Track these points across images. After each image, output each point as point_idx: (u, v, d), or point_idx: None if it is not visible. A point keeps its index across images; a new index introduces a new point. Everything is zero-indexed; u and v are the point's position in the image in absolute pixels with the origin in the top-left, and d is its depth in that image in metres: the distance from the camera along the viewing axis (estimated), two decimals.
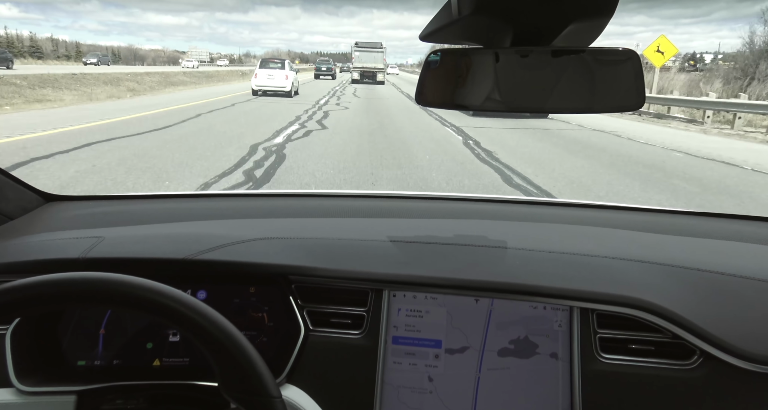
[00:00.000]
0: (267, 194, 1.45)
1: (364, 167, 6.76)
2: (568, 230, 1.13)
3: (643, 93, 0.65)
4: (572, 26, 0.62)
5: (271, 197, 1.43)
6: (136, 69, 39.96)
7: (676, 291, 0.84)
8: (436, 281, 0.86)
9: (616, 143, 10.20)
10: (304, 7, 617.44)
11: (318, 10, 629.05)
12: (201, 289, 0.91)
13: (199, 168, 6.27)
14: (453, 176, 6.36)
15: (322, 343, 0.87)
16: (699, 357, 0.80)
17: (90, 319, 0.89)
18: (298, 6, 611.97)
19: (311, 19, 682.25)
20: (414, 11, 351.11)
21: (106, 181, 5.46)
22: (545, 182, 6.23)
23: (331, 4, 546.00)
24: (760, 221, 1.22)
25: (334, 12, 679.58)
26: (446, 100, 0.70)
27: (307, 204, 1.32)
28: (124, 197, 1.36)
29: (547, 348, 0.84)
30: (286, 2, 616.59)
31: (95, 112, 12.25)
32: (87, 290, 0.60)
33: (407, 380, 0.85)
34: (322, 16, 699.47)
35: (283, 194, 1.43)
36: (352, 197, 1.42)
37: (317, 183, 5.77)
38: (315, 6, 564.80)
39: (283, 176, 6.04)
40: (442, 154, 8.03)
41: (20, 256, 0.93)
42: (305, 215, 1.23)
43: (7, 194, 1.11)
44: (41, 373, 0.84)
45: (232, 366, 0.60)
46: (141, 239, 1.00)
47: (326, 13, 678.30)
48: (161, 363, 0.88)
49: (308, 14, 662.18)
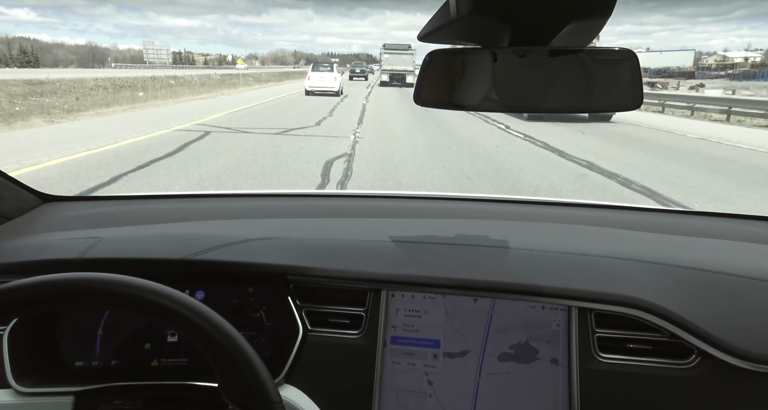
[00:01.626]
0: (265, 195, 1.45)
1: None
2: (566, 229, 1.13)
3: (641, 92, 0.65)
4: (570, 26, 0.62)
5: (269, 197, 1.43)
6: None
7: (674, 290, 0.84)
8: (434, 281, 0.86)
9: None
10: (317, 8, 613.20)
11: (330, 11, 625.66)
12: (199, 289, 0.91)
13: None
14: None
15: (321, 343, 0.87)
16: (697, 357, 0.80)
17: (88, 320, 0.89)
18: (310, 8, 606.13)
19: (324, 20, 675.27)
20: (426, 12, 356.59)
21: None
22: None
23: (344, 6, 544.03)
24: (758, 221, 1.22)
25: (347, 14, 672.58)
26: (444, 100, 0.70)
27: (305, 204, 1.32)
28: (121, 197, 1.36)
29: (548, 353, 0.83)
30: (299, 4, 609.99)
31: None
32: (86, 291, 0.59)
33: (406, 380, 0.85)
34: (334, 17, 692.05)
35: (281, 194, 1.43)
36: (350, 197, 1.42)
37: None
38: (327, 8, 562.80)
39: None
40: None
41: (18, 256, 0.93)
42: (303, 215, 1.23)
43: (4, 194, 1.11)
44: (39, 374, 0.84)
45: (232, 369, 0.60)
46: (139, 240, 0.99)
47: (338, 14, 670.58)
48: (159, 364, 0.88)
49: (321, 16, 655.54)
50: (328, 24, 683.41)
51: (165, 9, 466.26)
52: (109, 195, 1.35)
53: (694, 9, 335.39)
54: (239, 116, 13.47)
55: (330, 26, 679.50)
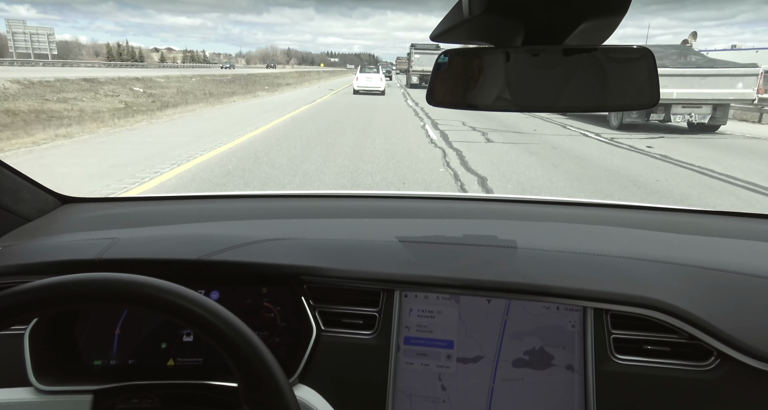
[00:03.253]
0: (278, 196, 1.46)
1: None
2: (580, 229, 1.12)
3: (657, 90, 0.65)
4: (584, 25, 0.61)
5: (281, 198, 1.44)
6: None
7: (692, 291, 0.83)
8: (447, 282, 0.86)
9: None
10: (318, 8, 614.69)
11: (332, 11, 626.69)
12: (214, 289, 0.91)
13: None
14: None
15: (334, 343, 0.87)
16: (716, 358, 0.79)
17: (106, 319, 0.90)
18: (311, 7, 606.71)
19: (325, 20, 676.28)
20: (428, 13, 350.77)
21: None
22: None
23: (345, 6, 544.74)
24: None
25: (348, 13, 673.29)
26: (457, 100, 0.70)
27: (317, 205, 1.33)
28: (137, 198, 1.38)
29: (563, 359, 0.82)
30: (300, 3, 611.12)
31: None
32: (106, 291, 0.60)
33: (420, 382, 0.84)
34: (335, 17, 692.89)
35: (293, 195, 1.44)
36: (361, 198, 1.42)
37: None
38: (329, 7, 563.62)
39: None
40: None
41: (38, 257, 0.94)
42: (316, 215, 1.24)
43: (24, 196, 1.13)
44: (58, 372, 0.85)
45: (251, 374, 0.60)
46: (155, 240, 1.01)
47: (340, 14, 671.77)
48: (175, 363, 0.89)
49: (322, 16, 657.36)
50: (330, 24, 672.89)
51: (165, 7, 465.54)
52: (126, 196, 1.37)
53: (698, 13, 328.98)
54: None
55: (331, 26, 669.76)
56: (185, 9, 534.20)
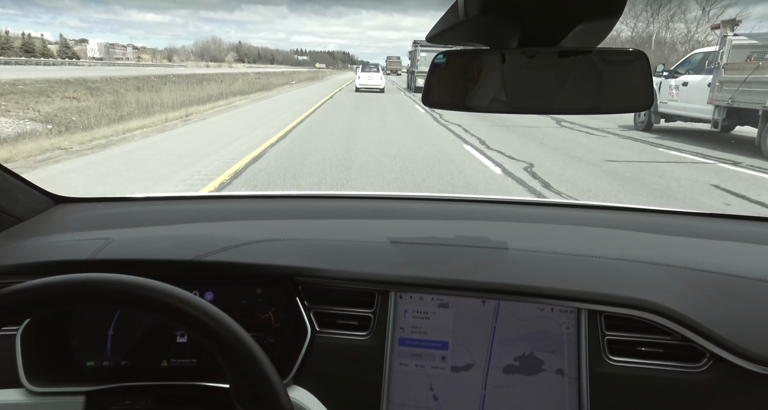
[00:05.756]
0: (273, 196, 1.46)
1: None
2: (574, 231, 1.13)
3: (652, 93, 0.65)
4: (580, 27, 0.62)
5: (277, 199, 1.43)
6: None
7: (685, 293, 0.84)
8: (442, 283, 0.86)
9: None
10: (291, 6, 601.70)
11: (305, 9, 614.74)
12: (208, 290, 0.91)
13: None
14: None
15: (329, 344, 0.87)
16: (709, 360, 0.79)
17: (99, 320, 0.90)
18: (285, 5, 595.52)
19: (299, 18, 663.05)
20: (403, 12, 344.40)
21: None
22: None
23: (319, 4, 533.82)
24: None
25: (322, 12, 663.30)
26: (453, 101, 0.70)
27: (312, 206, 1.33)
28: (131, 199, 1.37)
29: (553, 364, 0.83)
30: (273, 1, 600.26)
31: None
32: (100, 291, 0.60)
33: (412, 391, 0.84)
34: (309, 16, 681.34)
35: (289, 196, 1.43)
36: (357, 199, 1.42)
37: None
38: (302, 5, 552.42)
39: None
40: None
41: (31, 257, 0.94)
42: (311, 216, 1.23)
43: (17, 196, 1.12)
44: (51, 374, 0.85)
45: (243, 374, 0.60)
46: (149, 241, 1.00)
47: (314, 12, 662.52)
48: (169, 364, 0.88)
49: (295, 14, 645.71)
50: (304, 22, 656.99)
51: (131, 3, 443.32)
52: (119, 197, 1.36)
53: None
54: None
55: (305, 25, 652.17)
56: (152, 5, 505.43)
